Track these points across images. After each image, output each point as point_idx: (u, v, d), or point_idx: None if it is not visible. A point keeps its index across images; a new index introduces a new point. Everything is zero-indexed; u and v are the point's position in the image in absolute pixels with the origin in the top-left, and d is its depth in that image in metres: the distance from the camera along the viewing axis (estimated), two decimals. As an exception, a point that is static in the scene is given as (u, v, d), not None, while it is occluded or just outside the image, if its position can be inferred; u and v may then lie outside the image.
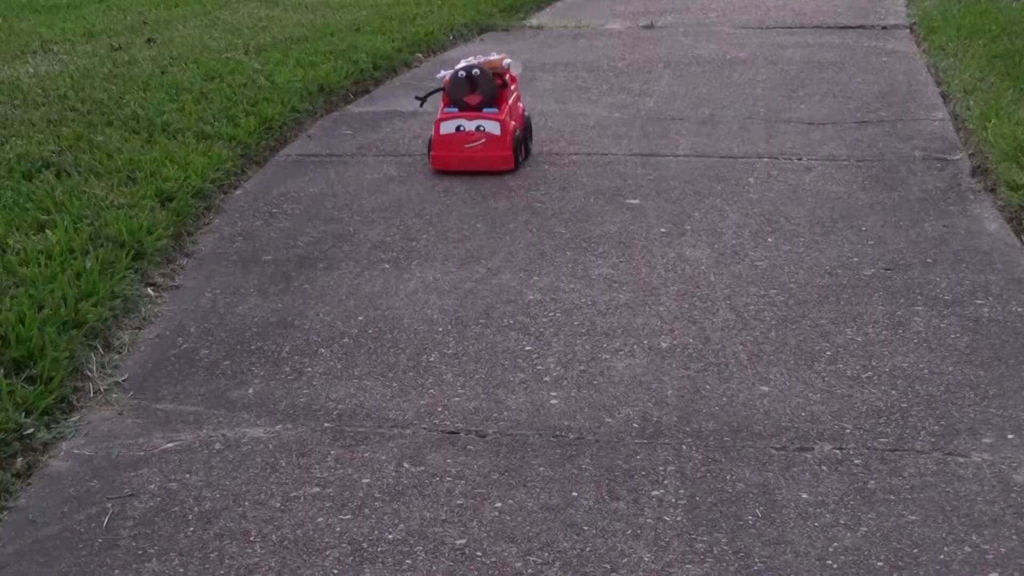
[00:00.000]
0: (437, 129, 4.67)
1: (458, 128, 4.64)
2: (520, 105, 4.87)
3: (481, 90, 4.64)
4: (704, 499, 2.48)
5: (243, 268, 3.82)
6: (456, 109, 4.66)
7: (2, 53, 6.75)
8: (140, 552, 2.35)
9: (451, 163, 4.67)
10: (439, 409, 2.88)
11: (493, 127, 4.62)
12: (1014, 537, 2.34)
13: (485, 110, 4.63)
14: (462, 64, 4.73)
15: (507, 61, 4.76)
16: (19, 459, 2.66)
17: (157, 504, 2.51)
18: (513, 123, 4.68)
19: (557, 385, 2.99)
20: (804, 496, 2.49)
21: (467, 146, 4.64)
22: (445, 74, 4.74)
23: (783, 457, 2.64)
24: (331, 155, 5.06)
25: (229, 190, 4.58)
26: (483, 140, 4.62)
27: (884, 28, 7.86)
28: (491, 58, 4.78)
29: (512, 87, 4.77)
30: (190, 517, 2.46)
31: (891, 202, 4.28)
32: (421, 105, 4.96)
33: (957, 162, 4.72)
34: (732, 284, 3.59)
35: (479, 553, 2.32)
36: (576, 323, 3.34)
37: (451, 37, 7.67)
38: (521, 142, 4.74)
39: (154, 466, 2.67)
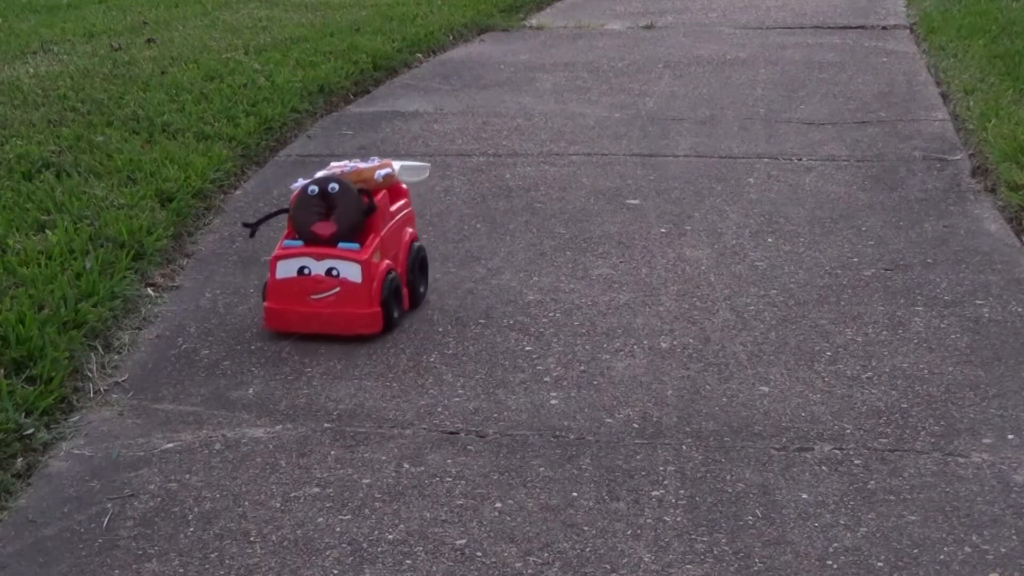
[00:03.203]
0: (272, 270, 3.28)
1: (302, 271, 3.26)
2: (408, 230, 3.48)
3: (338, 216, 3.26)
4: (704, 499, 2.48)
5: (243, 268, 3.81)
6: (301, 243, 3.29)
7: (2, 53, 6.75)
8: (140, 552, 2.35)
9: (291, 321, 3.28)
10: (439, 409, 2.88)
11: (351, 271, 3.23)
12: (1014, 537, 2.34)
13: (341, 245, 3.25)
14: (320, 174, 3.39)
15: (383, 172, 3.38)
16: (19, 459, 2.66)
17: (157, 504, 2.51)
18: (387, 263, 3.30)
19: (557, 385, 2.99)
20: (804, 496, 2.49)
21: (313, 298, 3.26)
22: (299, 184, 3.37)
23: (783, 457, 2.64)
24: (331, 155, 5.05)
25: (229, 190, 4.58)
26: (336, 289, 3.24)
27: (884, 28, 7.86)
28: (363, 166, 3.41)
29: (394, 207, 3.42)
30: (190, 517, 2.46)
31: (891, 202, 4.28)
32: (252, 235, 3.54)
33: (957, 162, 4.72)
34: (732, 284, 3.59)
35: (479, 553, 2.32)
36: (576, 323, 3.34)
37: (451, 37, 7.67)
38: (398, 290, 3.34)
39: (154, 466, 2.67)
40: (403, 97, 6.09)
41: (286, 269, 3.27)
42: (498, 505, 2.48)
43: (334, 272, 3.24)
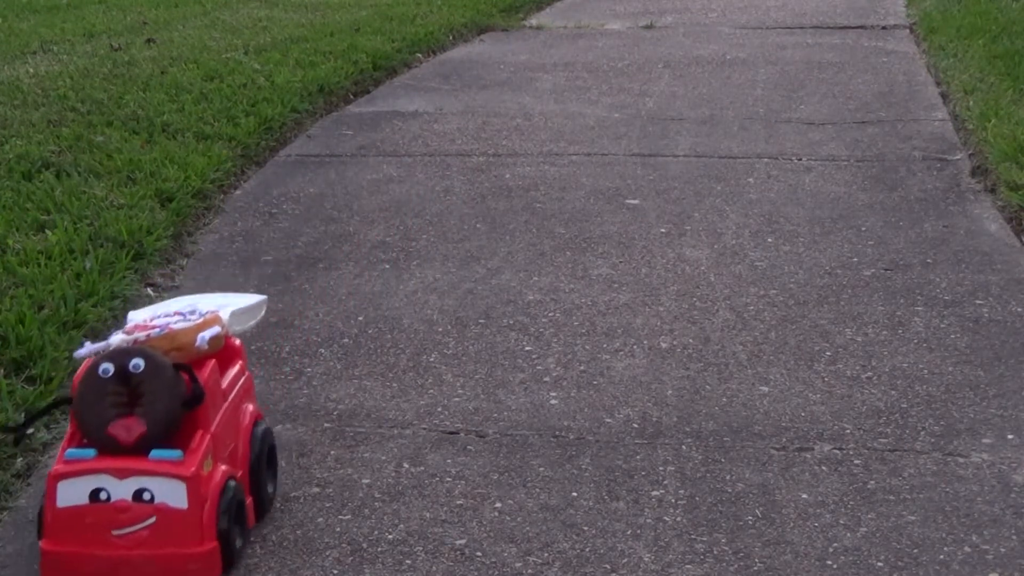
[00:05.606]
0: (51, 496, 2.20)
1: (97, 495, 2.19)
2: (248, 408, 2.47)
3: (147, 409, 2.19)
4: (704, 499, 2.48)
5: (243, 268, 3.82)
6: (93, 452, 2.20)
7: (2, 53, 6.75)
8: (140, 552, 2.35)
9: (83, 570, 2.20)
10: (439, 409, 2.88)
11: (172, 493, 2.18)
12: (1014, 537, 2.34)
13: (154, 455, 2.19)
14: (115, 339, 2.27)
15: (207, 335, 2.29)
16: (19, 459, 2.66)
17: (157, 504, 2.51)
18: (223, 469, 2.26)
19: (557, 385, 2.99)
20: (804, 496, 2.49)
21: (116, 534, 2.18)
22: (83, 352, 2.28)
23: (783, 457, 2.64)
24: (331, 155, 5.06)
25: (229, 190, 4.58)
26: (151, 521, 2.18)
27: (884, 28, 7.86)
28: (178, 326, 2.29)
29: (227, 379, 2.40)
30: (190, 517, 2.46)
31: (891, 202, 4.28)
32: (16, 443, 2.65)
33: (957, 162, 4.73)
34: (732, 284, 3.59)
35: (479, 553, 2.32)
36: (576, 323, 3.34)
37: (451, 37, 7.67)
38: (242, 506, 2.30)
39: (154, 466, 2.66)
40: (403, 97, 6.09)
41: (73, 493, 2.18)
42: (498, 505, 2.48)
43: (146, 496, 2.18)
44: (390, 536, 2.38)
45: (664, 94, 6.04)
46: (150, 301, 3.53)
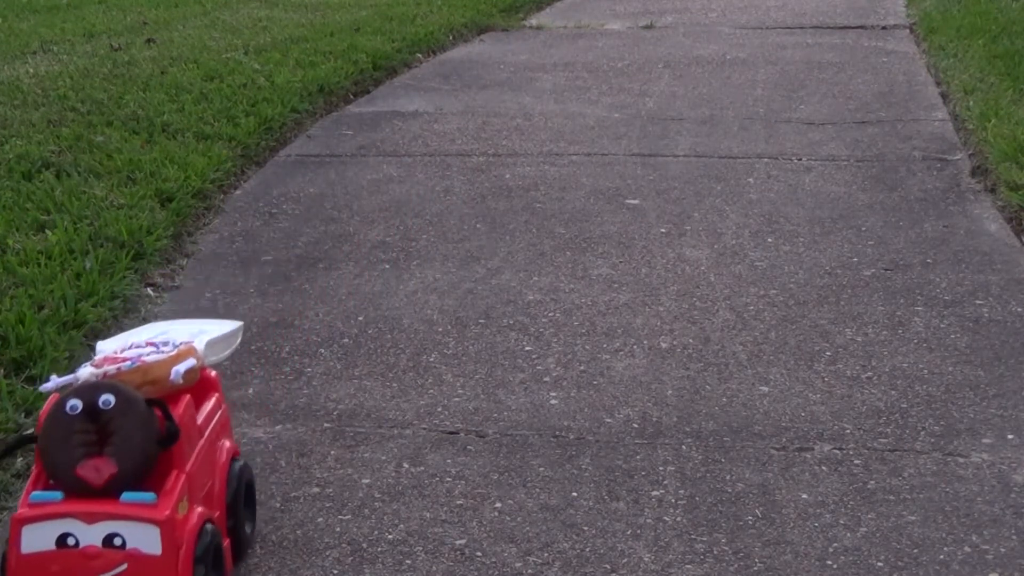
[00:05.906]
0: (14, 541, 2.05)
1: (64, 541, 2.03)
2: (226, 444, 2.32)
3: (119, 448, 2.05)
4: (704, 499, 2.48)
5: (243, 268, 3.82)
6: (59, 494, 2.05)
7: (2, 53, 6.75)
8: (140, 552, 2.34)
9: None
10: (439, 409, 2.88)
11: (145, 538, 2.03)
12: (1014, 537, 2.34)
13: (126, 497, 2.04)
14: (84, 372, 2.13)
15: (183, 368, 2.16)
16: (19, 459, 2.65)
17: (157, 504, 2.51)
18: (199, 512, 2.12)
19: (557, 385, 2.99)
20: (804, 496, 2.49)
21: None
22: (55, 384, 2.16)
23: (783, 457, 2.64)
24: (331, 155, 5.06)
25: (229, 190, 4.58)
26: (122, 568, 2.04)
27: (884, 28, 7.86)
28: (151, 359, 2.15)
29: (203, 414, 2.26)
30: (190, 517, 2.46)
31: (891, 202, 4.28)
32: None
33: (957, 162, 4.72)
34: (732, 284, 3.59)
35: (479, 553, 2.32)
36: (576, 323, 3.34)
37: (451, 37, 7.67)
38: (219, 551, 2.16)
39: (154, 466, 2.66)
40: (403, 97, 6.09)
41: (38, 538, 2.03)
42: (498, 505, 2.48)
43: (117, 541, 2.03)
44: (390, 536, 2.38)
45: (664, 94, 6.04)
46: (150, 301, 3.54)
